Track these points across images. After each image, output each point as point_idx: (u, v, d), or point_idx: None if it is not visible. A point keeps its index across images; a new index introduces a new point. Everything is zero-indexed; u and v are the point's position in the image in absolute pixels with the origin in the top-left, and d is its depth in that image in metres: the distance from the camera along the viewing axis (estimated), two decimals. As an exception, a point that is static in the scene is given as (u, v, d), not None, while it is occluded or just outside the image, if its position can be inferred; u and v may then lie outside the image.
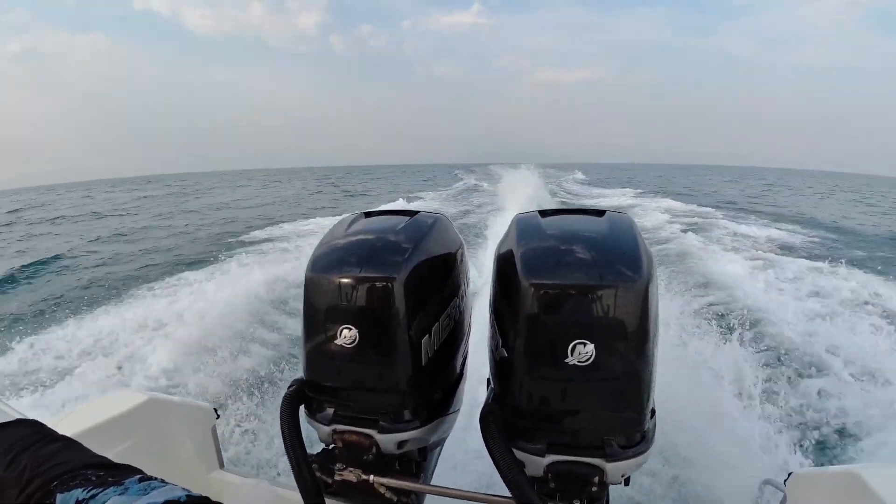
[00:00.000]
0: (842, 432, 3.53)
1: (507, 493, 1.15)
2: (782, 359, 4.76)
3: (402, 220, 1.36)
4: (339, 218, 1.48)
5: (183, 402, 1.77)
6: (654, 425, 1.18)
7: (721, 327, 5.50)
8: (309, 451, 1.31)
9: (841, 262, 8.44)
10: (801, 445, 3.26)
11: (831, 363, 4.64)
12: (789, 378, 4.39)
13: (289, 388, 1.34)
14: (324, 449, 1.36)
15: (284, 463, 1.33)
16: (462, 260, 1.50)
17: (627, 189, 28.76)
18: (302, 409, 1.33)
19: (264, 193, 35.55)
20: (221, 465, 1.78)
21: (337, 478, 1.29)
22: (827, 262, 8.78)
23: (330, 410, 1.29)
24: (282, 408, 1.30)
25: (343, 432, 1.28)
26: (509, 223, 1.31)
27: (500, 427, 1.16)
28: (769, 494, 1.45)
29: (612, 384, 1.08)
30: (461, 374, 1.53)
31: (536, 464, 1.14)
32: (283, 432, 1.28)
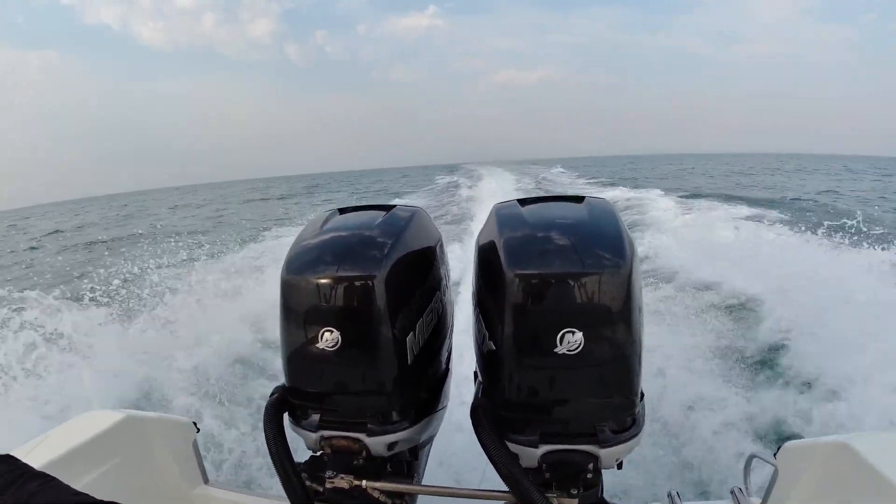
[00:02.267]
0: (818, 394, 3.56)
1: (502, 488, 1.13)
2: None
3: (379, 216, 1.32)
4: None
5: (161, 417, 1.70)
6: (644, 408, 1.18)
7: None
8: (296, 459, 1.27)
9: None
10: (787, 417, 3.32)
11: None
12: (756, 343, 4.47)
13: (271, 396, 1.30)
14: (312, 456, 1.32)
15: (272, 474, 1.29)
16: (442, 253, 1.48)
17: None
18: (286, 416, 1.30)
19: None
20: (206, 481, 1.73)
21: (328, 485, 1.25)
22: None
23: (315, 416, 1.25)
24: (265, 417, 1.26)
25: (331, 438, 1.24)
26: (488, 213, 1.29)
27: (491, 420, 1.14)
28: (759, 468, 1.47)
29: (601, 370, 1.07)
30: (447, 370, 1.51)
31: (530, 455, 1.13)
32: (268, 442, 1.24)
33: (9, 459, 0.64)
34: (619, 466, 1.18)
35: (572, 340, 1.02)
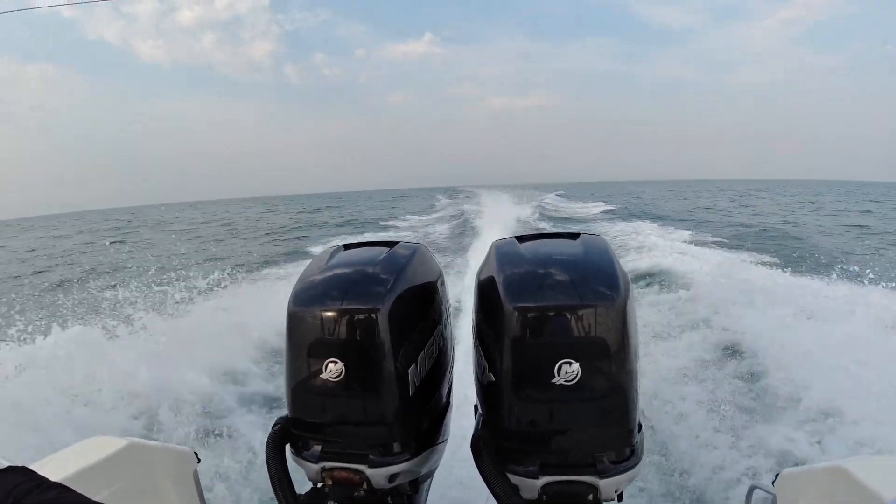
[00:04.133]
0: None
1: None
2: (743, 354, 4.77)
3: (383, 252, 1.36)
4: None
5: (163, 446, 1.70)
6: (643, 439, 1.19)
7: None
8: (297, 490, 1.27)
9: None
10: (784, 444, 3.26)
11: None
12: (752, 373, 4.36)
13: (273, 426, 1.31)
14: (313, 487, 1.32)
15: None
16: (443, 288, 1.51)
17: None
18: (288, 447, 1.30)
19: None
20: None
21: None
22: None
23: (317, 448, 1.26)
24: (267, 448, 1.27)
25: (332, 469, 1.25)
26: (488, 250, 1.33)
27: (491, 452, 1.16)
28: (758, 498, 1.46)
29: (599, 401, 1.09)
30: (448, 403, 1.52)
31: (531, 486, 1.14)
32: (269, 473, 1.25)
33: (27, 471, 0.67)
34: (620, 498, 1.18)
35: (570, 371, 1.05)
